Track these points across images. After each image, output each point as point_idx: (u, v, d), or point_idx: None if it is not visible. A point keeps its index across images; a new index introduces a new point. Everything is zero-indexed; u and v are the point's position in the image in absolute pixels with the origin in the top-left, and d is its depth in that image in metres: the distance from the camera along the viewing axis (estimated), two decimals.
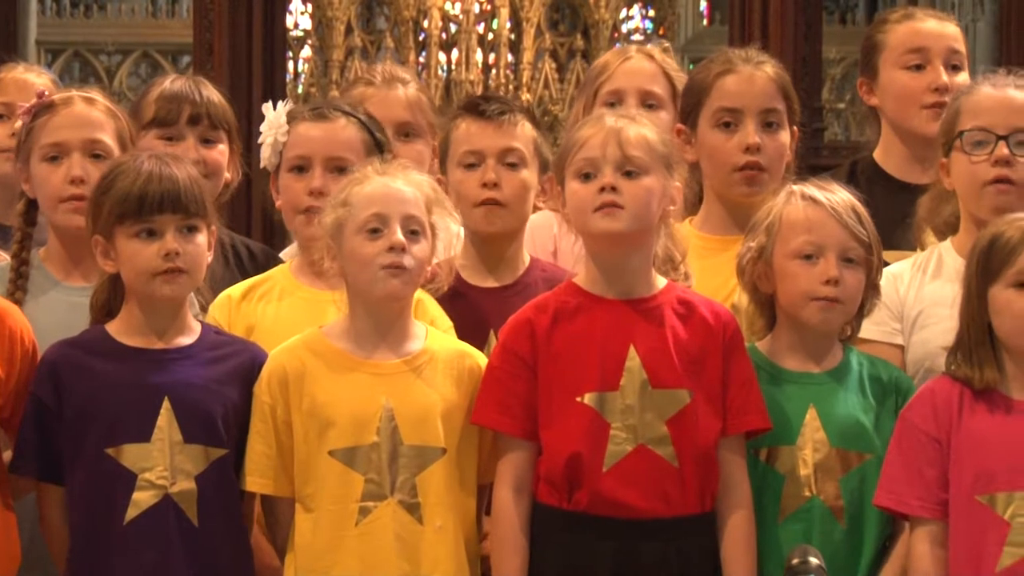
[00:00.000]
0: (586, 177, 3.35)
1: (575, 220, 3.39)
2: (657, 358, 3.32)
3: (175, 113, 3.99)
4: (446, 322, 3.57)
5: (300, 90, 17.08)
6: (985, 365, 3.29)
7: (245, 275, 3.89)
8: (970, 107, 3.67)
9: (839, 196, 3.47)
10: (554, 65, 17.87)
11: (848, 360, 3.48)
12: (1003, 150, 3.60)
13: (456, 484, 3.34)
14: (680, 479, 3.30)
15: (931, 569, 3.29)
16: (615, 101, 4.15)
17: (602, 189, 3.32)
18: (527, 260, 3.84)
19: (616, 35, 18.01)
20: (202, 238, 3.37)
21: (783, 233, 3.45)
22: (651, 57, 4.27)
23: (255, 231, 8.27)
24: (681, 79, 4.23)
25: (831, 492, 3.38)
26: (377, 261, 3.30)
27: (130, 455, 3.28)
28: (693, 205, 3.92)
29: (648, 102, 4.16)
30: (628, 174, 3.33)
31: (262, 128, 3.75)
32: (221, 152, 4.03)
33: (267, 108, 3.77)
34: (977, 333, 3.30)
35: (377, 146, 3.72)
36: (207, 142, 4.01)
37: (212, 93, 4.07)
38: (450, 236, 3.45)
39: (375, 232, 3.32)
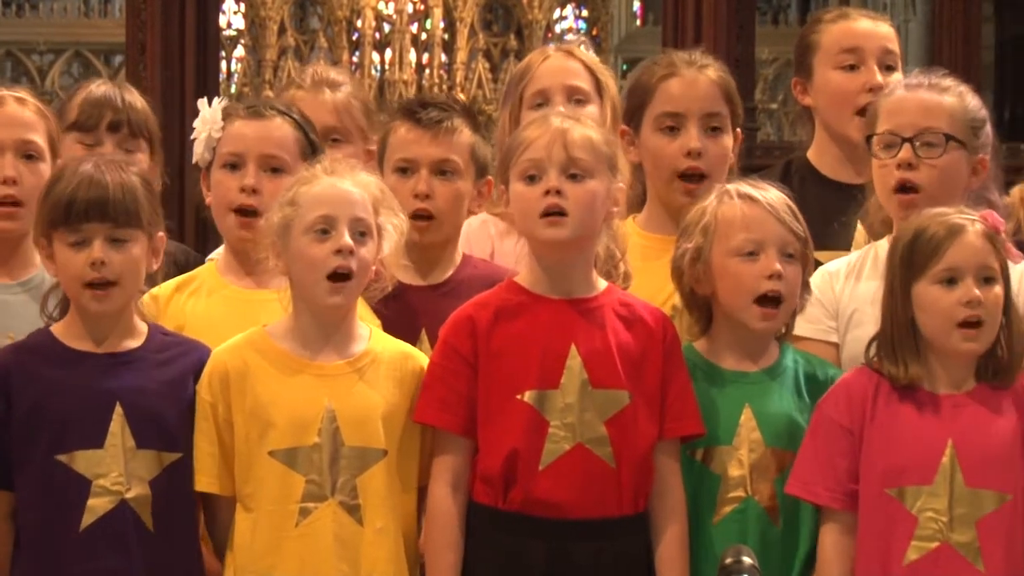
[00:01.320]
0: (531, 179, 3.34)
1: (520, 223, 3.38)
2: (598, 358, 3.32)
3: (95, 118, 3.98)
4: (374, 321, 3.55)
5: (233, 90, 17.03)
6: (909, 363, 3.30)
7: (166, 277, 3.84)
8: (885, 109, 3.66)
9: (772, 194, 3.47)
10: (487, 65, 17.89)
11: (784, 358, 3.49)
12: (906, 153, 3.58)
13: (397, 486, 3.33)
14: (616, 480, 3.31)
15: (834, 558, 3.31)
16: (542, 102, 4.09)
17: (547, 192, 3.32)
18: (459, 258, 3.83)
19: (550, 35, 18.05)
20: (136, 248, 3.29)
21: (721, 232, 3.44)
22: (570, 53, 4.22)
23: (187, 231, 8.23)
24: (603, 71, 4.21)
25: (766, 493, 3.39)
26: (324, 264, 3.29)
27: (83, 461, 3.24)
28: (638, 203, 3.90)
29: (575, 97, 4.11)
30: (573, 177, 3.33)
31: (196, 124, 3.72)
32: (139, 161, 3.97)
33: (202, 104, 3.74)
34: (900, 329, 3.30)
35: (311, 146, 3.71)
36: (127, 151, 3.97)
37: (136, 99, 4.06)
38: (395, 235, 3.42)
39: (323, 233, 3.30)
